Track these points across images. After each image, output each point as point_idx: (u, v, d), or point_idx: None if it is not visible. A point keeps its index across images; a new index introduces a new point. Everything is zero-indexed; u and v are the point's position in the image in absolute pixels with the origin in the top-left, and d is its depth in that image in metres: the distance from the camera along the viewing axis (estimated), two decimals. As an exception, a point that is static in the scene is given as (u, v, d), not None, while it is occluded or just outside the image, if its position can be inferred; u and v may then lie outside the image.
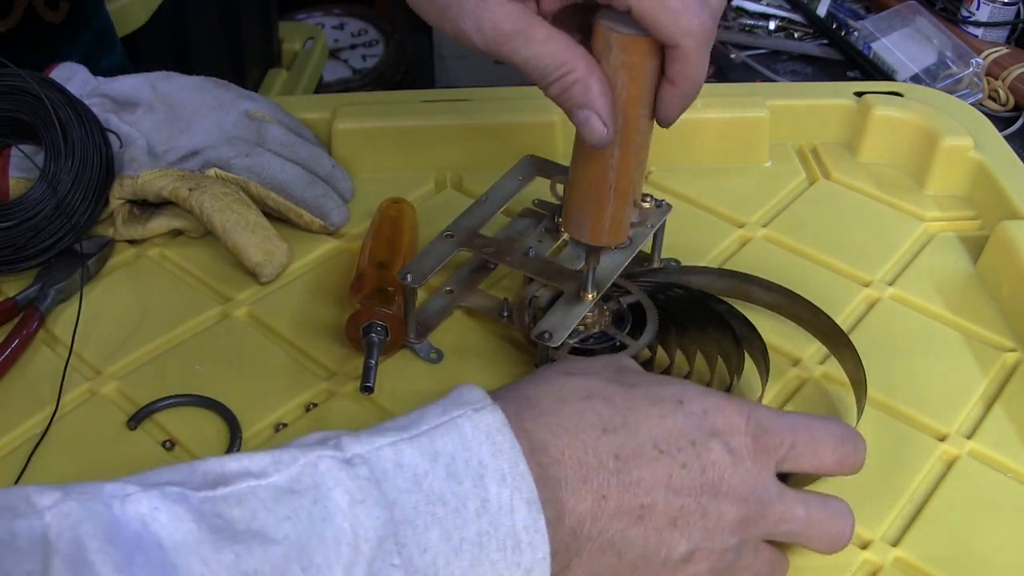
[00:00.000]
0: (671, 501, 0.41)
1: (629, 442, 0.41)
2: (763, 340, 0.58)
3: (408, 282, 0.57)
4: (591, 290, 0.56)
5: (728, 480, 0.42)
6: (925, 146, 0.75)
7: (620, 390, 0.43)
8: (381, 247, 0.62)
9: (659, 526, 0.41)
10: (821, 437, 0.45)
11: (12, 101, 0.63)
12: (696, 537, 0.42)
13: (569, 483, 0.40)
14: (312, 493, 0.35)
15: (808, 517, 0.45)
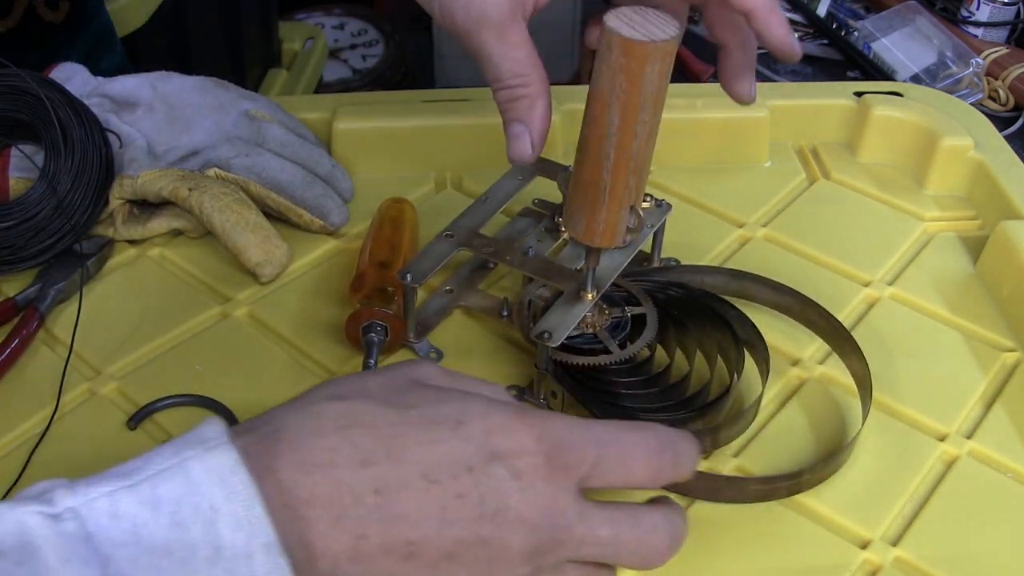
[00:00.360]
0: (444, 534, 0.37)
1: (392, 474, 0.37)
2: (764, 340, 0.58)
3: (408, 282, 0.57)
4: (590, 290, 0.56)
5: (514, 507, 0.38)
6: (925, 146, 0.75)
7: (390, 414, 0.39)
8: (381, 247, 0.62)
9: (432, 561, 0.37)
10: (632, 450, 0.42)
11: (12, 101, 0.63)
12: (479, 571, 0.38)
13: (320, 523, 0.36)
14: (17, 554, 0.32)
15: (616, 537, 0.41)
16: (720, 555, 0.50)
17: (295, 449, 0.37)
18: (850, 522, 0.52)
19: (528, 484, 0.39)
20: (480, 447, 0.39)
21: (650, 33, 0.45)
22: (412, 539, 0.37)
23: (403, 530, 0.37)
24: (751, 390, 0.57)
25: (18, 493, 0.35)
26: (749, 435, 0.56)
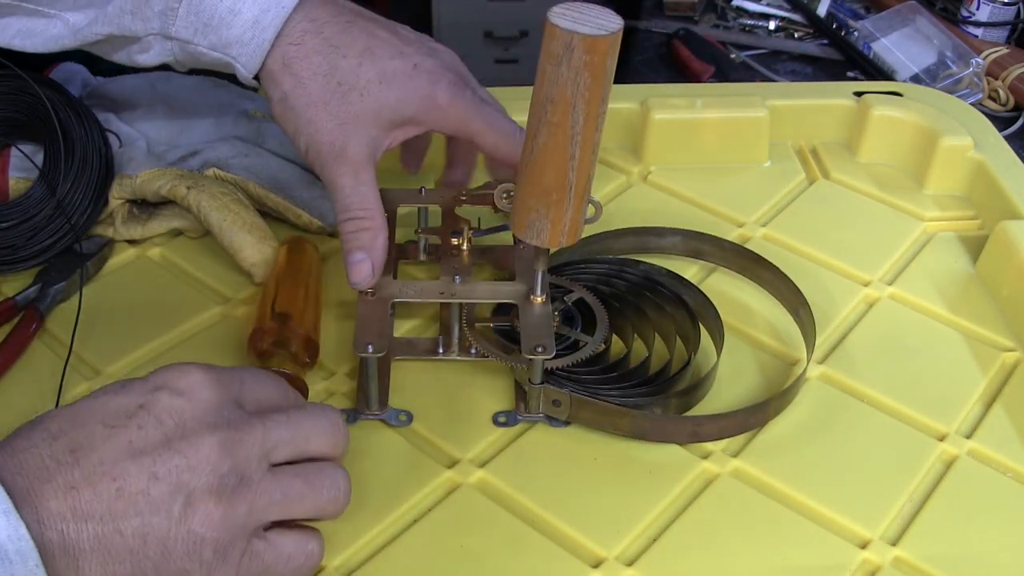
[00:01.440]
0: (141, 464, 0.41)
1: (79, 435, 0.41)
2: (715, 307, 0.60)
3: (371, 352, 0.52)
4: (540, 294, 0.56)
5: (191, 415, 0.43)
6: (925, 146, 0.75)
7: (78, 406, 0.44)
8: (284, 297, 0.58)
9: (139, 495, 0.41)
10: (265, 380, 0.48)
11: (12, 101, 0.63)
12: (184, 481, 0.42)
13: (35, 489, 0.40)
14: None
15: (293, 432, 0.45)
16: (720, 555, 0.50)
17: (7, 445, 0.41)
18: (850, 522, 0.52)
19: (194, 395, 0.43)
20: (144, 386, 0.44)
21: (602, 26, 0.45)
22: (115, 477, 0.41)
23: (105, 474, 0.41)
24: (708, 360, 0.59)
25: None
26: (749, 435, 0.56)
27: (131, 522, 0.41)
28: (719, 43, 1.14)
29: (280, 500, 0.44)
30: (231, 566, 0.43)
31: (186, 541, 0.41)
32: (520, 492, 0.52)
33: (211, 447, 0.42)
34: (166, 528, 0.41)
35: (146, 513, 0.41)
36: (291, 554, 0.45)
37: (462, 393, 0.58)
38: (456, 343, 0.59)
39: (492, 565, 0.49)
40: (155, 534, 0.41)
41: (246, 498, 0.43)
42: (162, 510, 0.41)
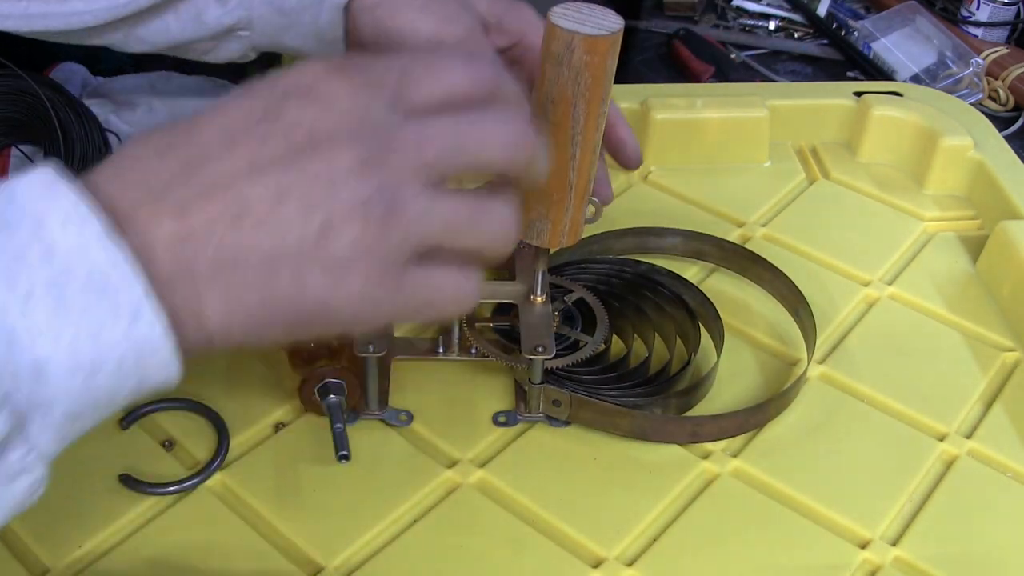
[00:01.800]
0: (265, 181, 0.35)
1: (192, 150, 0.36)
2: (715, 307, 0.60)
3: (372, 352, 0.52)
4: (540, 293, 0.55)
5: (323, 128, 0.36)
6: (925, 146, 0.75)
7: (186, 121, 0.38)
8: None
9: (265, 214, 0.35)
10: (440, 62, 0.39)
11: (12, 101, 0.63)
12: (317, 203, 0.35)
13: (142, 210, 0.35)
14: None
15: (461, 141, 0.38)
16: (720, 555, 0.50)
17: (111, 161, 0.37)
18: (850, 522, 0.52)
19: (328, 104, 0.37)
20: (269, 94, 0.37)
21: (603, 26, 0.45)
22: (234, 195, 0.35)
23: (223, 191, 0.35)
24: (708, 361, 0.59)
25: None
26: (749, 435, 0.56)
27: (256, 246, 0.35)
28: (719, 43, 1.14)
29: (436, 231, 0.37)
30: (374, 301, 0.37)
31: (323, 270, 0.36)
32: (520, 492, 0.52)
33: (351, 163, 0.36)
34: (299, 254, 0.35)
35: (275, 236, 0.35)
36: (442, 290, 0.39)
37: (462, 393, 0.58)
38: (456, 343, 0.59)
39: (492, 565, 0.49)
40: (287, 260, 0.35)
41: (394, 225, 0.36)
42: (294, 233, 0.35)
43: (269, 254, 0.35)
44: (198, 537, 0.50)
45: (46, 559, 0.49)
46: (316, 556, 0.49)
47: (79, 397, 0.34)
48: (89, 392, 0.34)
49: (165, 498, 0.52)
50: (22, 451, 0.33)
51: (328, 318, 0.37)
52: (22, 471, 0.34)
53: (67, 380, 0.33)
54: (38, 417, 0.33)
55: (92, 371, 0.33)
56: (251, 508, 0.51)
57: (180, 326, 0.35)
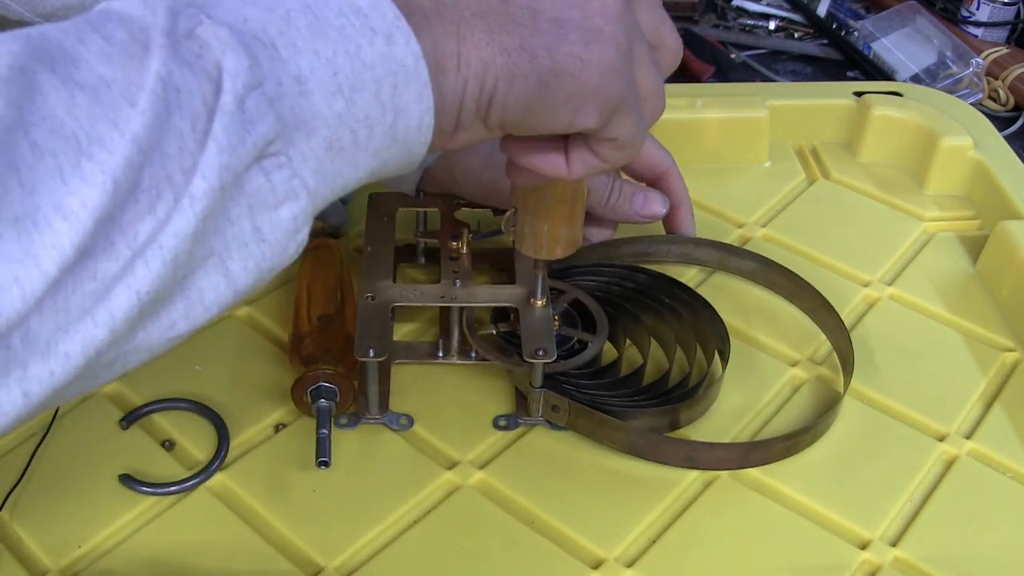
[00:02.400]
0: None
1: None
2: (719, 316, 0.59)
3: (372, 356, 0.52)
4: (540, 297, 0.55)
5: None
6: (925, 146, 0.75)
7: None
8: (320, 299, 0.59)
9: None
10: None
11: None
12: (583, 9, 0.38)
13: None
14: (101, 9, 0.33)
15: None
16: (720, 555, 0.50)
17: None
18: (850, 522, 0.52)
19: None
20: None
21: None
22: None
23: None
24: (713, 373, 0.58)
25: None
26: (748, 436, 0.56)
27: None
28: (719, 43, 1.14)
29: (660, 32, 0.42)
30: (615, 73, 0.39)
31: (580, 30, 0.37)
32: (520, 493, 0.52)
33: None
34: (559, 6, 0.37)
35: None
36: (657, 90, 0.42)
37: (462, 396, 0.58)
38: (456, 347, 0.59)
39: (492, 566, 0.49)
40: (547, 11, 0.37)
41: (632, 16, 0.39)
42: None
43: (532, 3, 0.37)
44: (198, 537, 0.50)
45: (46, 559, 0.49)
46: (316, 556, 0.49)
47: (339, 124, 0.34)
48: (348, 117, 0.34)
49: (165, 498, 0.52)
50: (287, 172, 0.34)
51: (576, 78, 0.38)
52: (287, 196, 0.34)
53: (329, 100, 0.34)
54: (301, 138, 0.34)
55: (351, 92, 0.34)
56: (251, 508, 0.51)
57: (439, 65, 0.36)
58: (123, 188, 0.30)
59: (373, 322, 0.54)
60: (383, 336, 0.53)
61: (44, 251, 0.29)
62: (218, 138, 0.32)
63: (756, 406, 0.58)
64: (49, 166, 0.29)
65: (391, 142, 0.36)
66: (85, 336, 0.31)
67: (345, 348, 0.55)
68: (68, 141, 0.30)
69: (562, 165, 0.43)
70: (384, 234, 0.61)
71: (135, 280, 0.31)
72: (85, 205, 0.30)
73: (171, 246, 0.32)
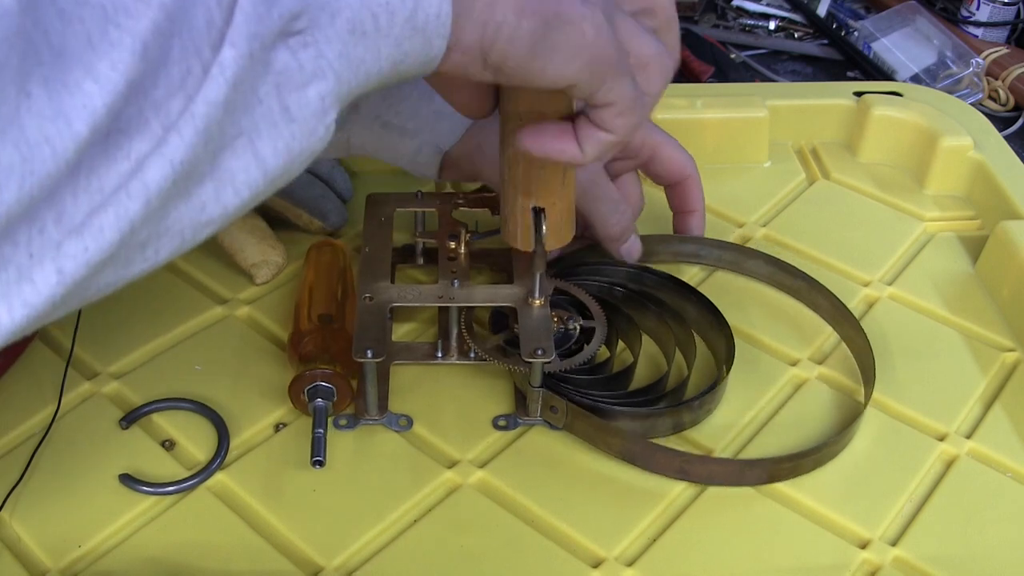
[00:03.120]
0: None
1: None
2: (727, 324, 0.59)
3: (370, 358, 0.52)
4: (539, 296, 0.55)
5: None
6: (925, 146, 0.75)
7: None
8: (321, 298, 0.59)
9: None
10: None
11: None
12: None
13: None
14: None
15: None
16: (720, 555, 0.50)
17: None
18: (850, 522, 0.52)
19: None
20: None
21: None
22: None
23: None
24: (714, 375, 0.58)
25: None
26: (748, 435, 0.56)
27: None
28: (719, 43, 1.14)
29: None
30: (611, 33, 0.40)
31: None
32: (520, 492, 0.52)
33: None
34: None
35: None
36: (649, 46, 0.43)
37: (461, 396, 0.58)
38: (455, 347, 0.59)
39: (492, 565, 0.49)
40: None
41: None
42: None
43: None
44: (198, 537, 0.50)
45: (46, 559, 0.49)
46: (316, 556, 0.49)
47: (361, 5, 0.35)
48: (370, 1, 0.35)
49: (165, 498, 0.52)
50: (312, 52, 0.34)
51: (575, 28, 0.39)
52: (314, 75, 0.35)
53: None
54: (325, 18, 0.34)
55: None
56: (251, 508, 0.51)
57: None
58: (152, 54, 0.31)
59: (371, 323, 0.54)
60: (382, 337, 0.53)
61: (75, 111, 0.30)
62: (244, 7, 0.32)
63: (761, 408, 0.57)
64: (77, 31, 0.30)
65: (412, 32, 0.37)
66: (119, 209, 0.32)
67: (344, 348, 0.55)
68: (95, 8, 0.30)
69: (575, 149, 0.44)
70: (382, 234, 0.61)
71: (169, 150, 0.32)
72: (115, 68, 0.30)
73: (203, 114, 0.32)
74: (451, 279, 0.57)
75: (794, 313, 0.64)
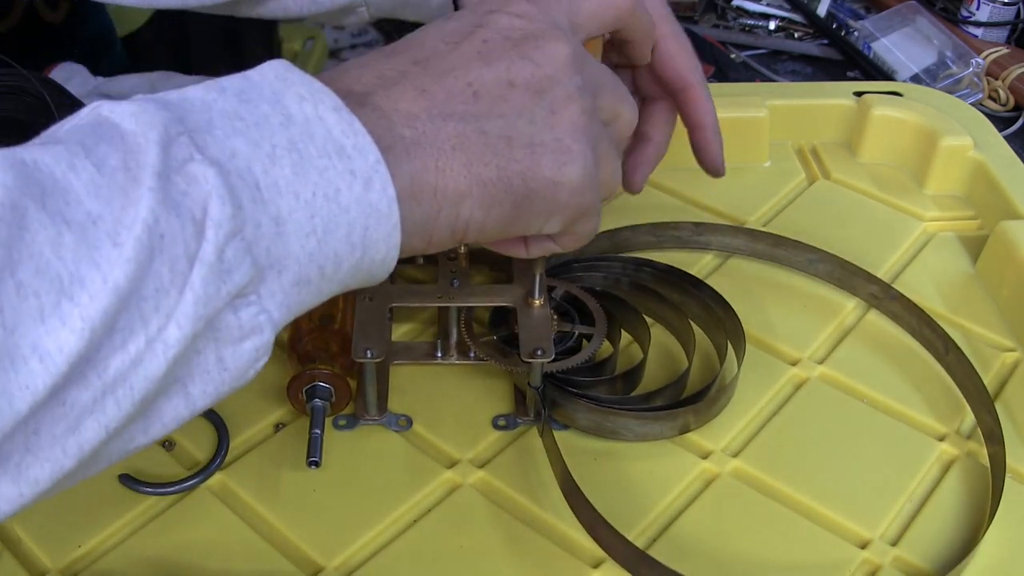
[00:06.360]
0: (495, 69, 0.39)
1: (418, 51, 0.40)
2: (738, 319, 0.59)
3: (370, 358, 0.52)
4: (538, 296, 0.55)
5: (533, 29, 0.41)
6: (925, 146, 0.75)
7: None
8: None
9: (498, 93, 0.39)
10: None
11: (12, 101, 0.63)
12: (544, 88, 0.40)
13: (377, 93, 0.38)
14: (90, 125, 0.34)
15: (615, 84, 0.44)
16: (720, 555, 0.50)
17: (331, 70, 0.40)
18: (850, 522, 0.52)
19: (532, 17, 0.41)
20: (476, 13, 0.42)
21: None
22: (469, 80, 0.39)
23: (456, 77, 0.39)
24: (728, 372, 0.58)
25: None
26: (749, 435, 0.56)
27: (494, 123, 0.39)
28: (719, 43, 1.14)
29: (623, 123, 0.44)
30: (590, 180, 0.41)
31: (554, 149, 0.40)
32: (520, 493, 0.52)
33: (566, 55, 0.40)
34: (531, 132, 0.39)
35: (509, 116, 0.39)
36: (616, 174, 0.44)
37: (461, 396, 0.58)
38: (454, 347, 0.59)
39: (492, 565, 0.49)
40: (520, 138, 0.39)
41: (595, 120, 0.41)
42: (525, 115, 0.39)
43: (506, 130, 0.39)
44: (198, 537, 0.50)
45: (46, 559, 0.49)
46: (316, 556, 0.49)
47: (310, 262, 0.35)
48: (319, 258, 0.35)
49: (165, 498, 0.52)
50: (255, 309, 0.35)
51: (548, 199, 0.40)
52: (252, 331, 0.35)
53: (303, 241, 0.35)
54: (272, 276, 0.35)
55: (324, 234, 0.35)
56: (251, 508, 0.51)
57: (416, 195, 0.37)
58: (99, 333, 0.31)
59: (371, 323, 0.54)
60: (381, 337, 0.53)
61: (18, 391, 0.30)
62: (195, 288, 0.32)
63: (769, 409, 0.57)
64: (31, 306, 0.30)
65: (355, 272, 0.37)
66: (55, 465, 0.32)
67: (344, 348, 0.55)
68: (52, 281, 0.30)
69: (521, 250, 0.46)
70: None
71: (105, 416, 0.32)
72: (62, 350, 0.30)
73: (141, 388, 0.32)
74: (451, 279, 0.57)
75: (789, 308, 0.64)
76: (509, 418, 0.56)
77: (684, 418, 0.55)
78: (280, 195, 0.34)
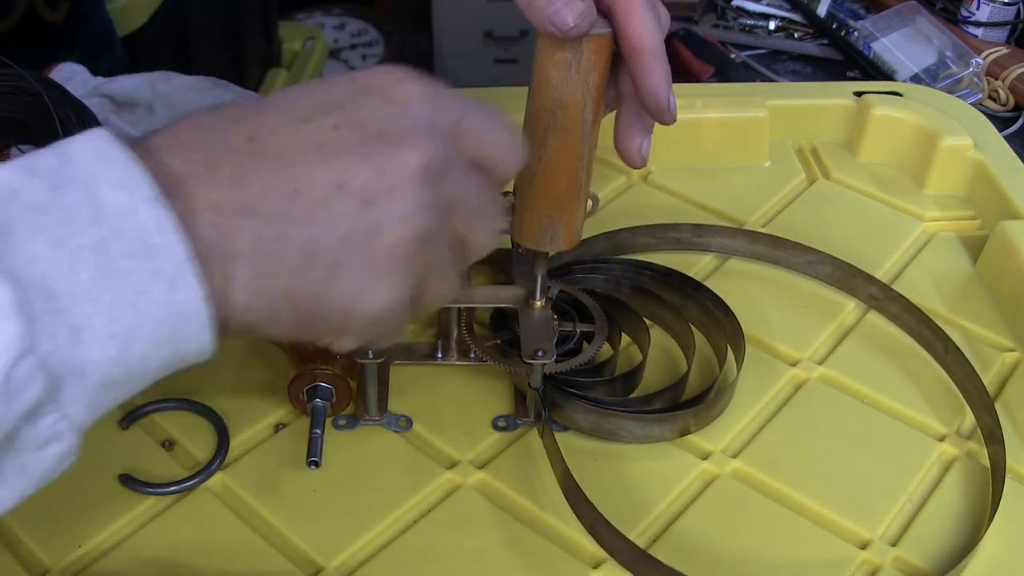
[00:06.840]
0: (328, 168, 0.35)
1: (263, 123, 0.35)
2: (738, 322, 0.59)
3: (371, 358, 0.52)
4: (540, 297, 0.55)
5: (397, 126, 0.36)
6: (925, 146, 0.75)
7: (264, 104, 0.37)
8: None
9: (323, 198, 0.34)
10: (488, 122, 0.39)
11: (12, 101, 0.63)
12: (375, 200, 0.35)
13: (194, 175, 0.34)
14: None
15: (487, 122, 0.39)
16: (720, 556, 0.50)
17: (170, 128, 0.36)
18: (850, 522, 0.52)
19: (408, 107, 0.37)
20: (349, 88, 0.37)
21: (600, 23, 0.45)
22: (294, 174, 0.34)
23: (281, 168, 0.34)
24: (727, 375, 0.58)
25: None
26: (748, 436, 0.56)
27: (300, 231, 0.34)
28: (719, 43, 1.14)
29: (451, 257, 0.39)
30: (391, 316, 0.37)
31: (360, 270, 0.35)
32: (520, 493, 0.52)
33: (416, 168, 0.35)
34: (342, 248, 0.35)
35: (321, 226, 0.34)
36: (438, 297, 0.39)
37: (461, 397, 0.58)
38: (455, 347, 0.59)
39: (492, 565, 0.49)
40: (328, 253, 0.35)
41: (432, 244, 0.37)
42: (345, 224, 0.35)
43: (312, 242, 0.34)
44: (198, 537, 0.50)
45: (46, 559, 0.49)
46: (316, 556, 0.49)
47: (114, 366, 0.33)
48: (124, 361, 0.33)
49: (165, 498, 0.52)
50: (54, 417, 0.33)
51: (336, 323, 0.37)
52: (53, 438, 0.34)
53: (103, 347, 0.33)
54: (72, 383, 0.33)
55: (128, 338, 0.33)
56: (251, 508, 0.51)
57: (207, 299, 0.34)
58: None
59: None
60: None
61: None
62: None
63: (769, 410, 0.57)
64: None
65: (168, 366, 0.36)
66: None
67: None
68: None
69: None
70: None
71: None
72: None
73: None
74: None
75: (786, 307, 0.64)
76: (509, 419, 0.56)
77: (684, 420, 0.55)
78: (77, 303, 0.32)
